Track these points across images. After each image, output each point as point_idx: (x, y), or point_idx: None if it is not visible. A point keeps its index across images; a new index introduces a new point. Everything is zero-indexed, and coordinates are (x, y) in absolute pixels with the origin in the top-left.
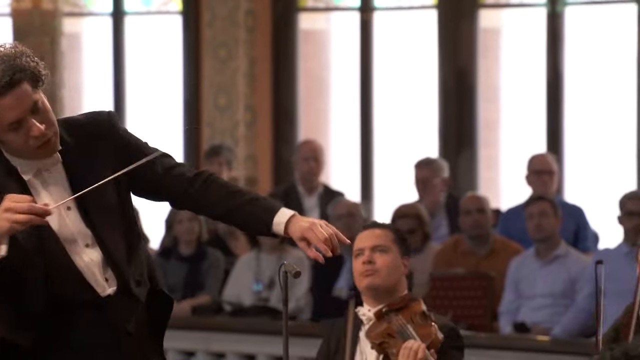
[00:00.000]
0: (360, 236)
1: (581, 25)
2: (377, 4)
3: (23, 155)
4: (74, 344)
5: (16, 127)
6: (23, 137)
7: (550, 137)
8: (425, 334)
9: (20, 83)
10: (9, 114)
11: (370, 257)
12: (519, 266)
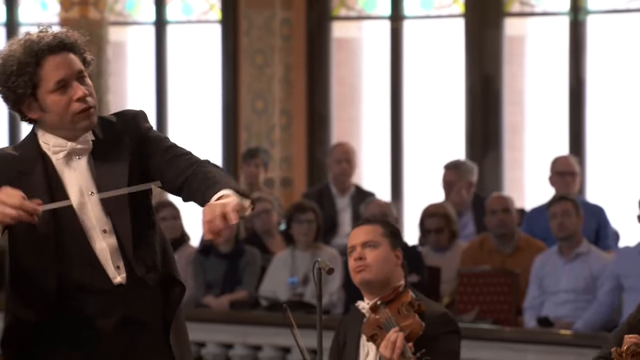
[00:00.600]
0: (352, 234)
1: (602, 33)
2: (406, 13)
3: (60, 130)
4: (82, 330)
5: (62, 87)
6: (66, 100)
7: (572, 140)
8: (407, 325)
9: (70, 50)
10: (58, 72)
11: (361, 254)
12: (543, 263)
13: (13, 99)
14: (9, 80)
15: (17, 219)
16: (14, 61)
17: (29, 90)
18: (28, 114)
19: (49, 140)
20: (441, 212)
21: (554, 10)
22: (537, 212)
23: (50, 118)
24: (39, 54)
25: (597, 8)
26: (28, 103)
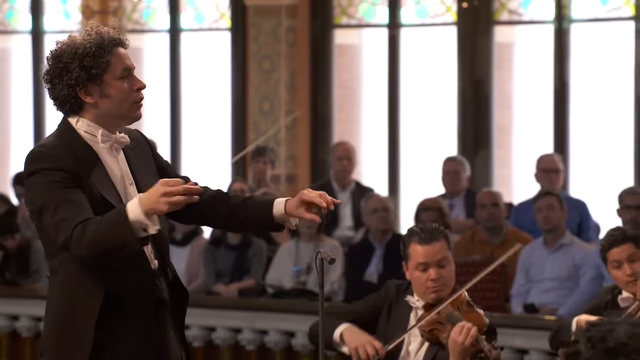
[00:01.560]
0: (422, 250)
1: (585, 40)
2: (403, 21)
3: (109, 119)
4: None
5: (127, 75)
6: (129, 87)
7: (556, 139)
8: (473, 317)
9: (126, 48)
10: (125, 62)
11: (437, 274)
12: (529, 254)
13: (79, 81)
14: (85, 60)
15: (183, 204)
16: (93, 44)
17: (101, 72)
18: (84, 98)
19: (95, 131)
20: (435, 207)
21: (540, 18)
22: (523, 206)
23: (107, 104)
24: (111, 43)
25: (580, 17)
26: (89, 87)
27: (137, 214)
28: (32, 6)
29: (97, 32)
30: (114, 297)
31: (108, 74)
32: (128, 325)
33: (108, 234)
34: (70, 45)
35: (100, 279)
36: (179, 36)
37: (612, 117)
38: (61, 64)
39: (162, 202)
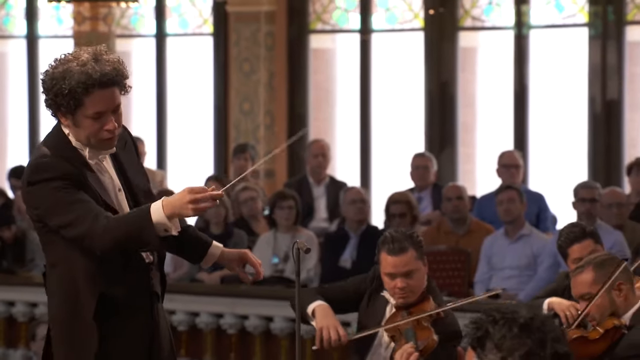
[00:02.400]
0: (391, 261)
1: (543, 45)
2: (374, 27)
3: (88, 145)
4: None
5: (98, 117)
6: (98, 127)
7: (516, 137)
8: (424, 336)
9: (117, 85)
10: (99, 105)
11: (404, 283)
12: (491, 243)
13: (54, 108)
14: (58, 97)
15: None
16: (67, 85)
17: (70, 109)
18: (61, 120)
19: (82, 148)
20: (404, 199)
21: (501, 25)
22: (486, 199)
23: (79, 133)
24: (90, 86)
25: (538, 23)
26: (65, 115)
27: (160, 217)
28: (27, 12)
29: (84, 69)
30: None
31: (79, 110)
32: (126, 320)
33: (132, 232)
34: (54, 77)
35: (96, 277)
36: (164, 41)
37: (568, 116)
38: (45, 84)
39: (189, 208)
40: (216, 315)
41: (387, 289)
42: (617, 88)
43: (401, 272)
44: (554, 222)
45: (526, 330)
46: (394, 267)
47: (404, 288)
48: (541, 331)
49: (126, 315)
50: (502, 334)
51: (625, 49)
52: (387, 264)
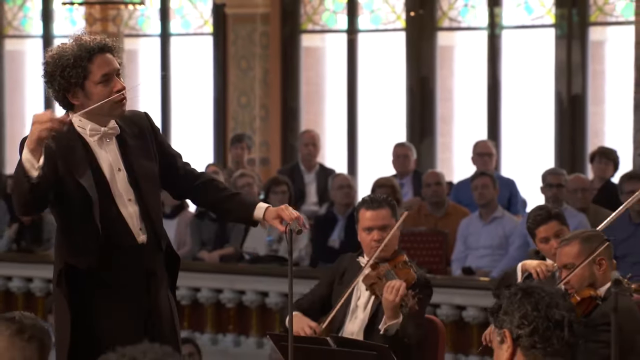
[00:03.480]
0: (369, 215)
1: (513, 44)
2: (360, 27)
3: (96, 116)
4: (119, 278)
5: (106, 79)
6: (108, 91)
7: (490, 128)
8: (404, 274)
9: (111, 52)
10: (104, 67)
11: (380, 236)
12: (467, 225)
13: (64, 87)
14: (65, 71)
15: (54, 130)
16: (70, 56)
17: (80, 80)
18: (72, 101)
19: (85, 125)
20: (388, 184)
21: (476, 25)
22: (462, 184)
23: (91, 105)
24: (91, 51)
25: (509, 24)
26: (75, 91)
27: (25, 154)
28: (43, 14)
29: (79, 42)
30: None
31: (88, 80)
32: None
33: (15, 182)
34: (54, 56)
35: (62, 247)
36: (168, 40)
37: (537, 109)
38: (48, 72)
39: (37, 131)
40: (216, 291)
41: (364, 249)
42: (581, 84)
43: (378, 225)
44: (524, 205)
45: (527, 296)
46: (372, 220)
47: (380, 240)
48: (538, 297)
49: (115, 293)
50: (510, 300)
51: (589, 48)
52: (365, 218)
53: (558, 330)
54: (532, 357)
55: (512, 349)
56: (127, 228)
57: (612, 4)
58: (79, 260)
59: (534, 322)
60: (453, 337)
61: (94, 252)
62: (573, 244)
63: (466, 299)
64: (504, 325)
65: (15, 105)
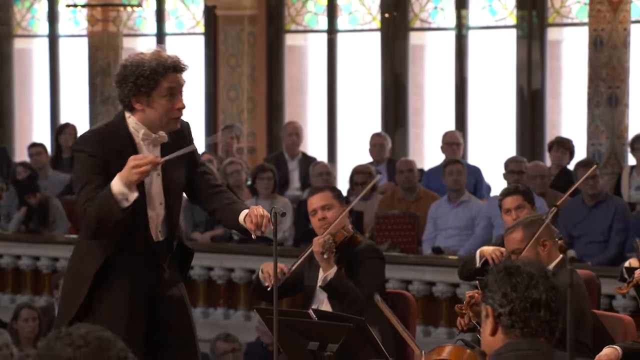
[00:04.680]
0: (311, 200)
1: (479, 43)
2: (339, 27)
3: (151, 124)
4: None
5: (171, 94)
6: (170, 104)
7: (457, 120)
8: (339, 236)
9: (181, 72)
10: (172, 84)
11: (322, 215)
12: (436, 208)
13: (133, 91)
14: (139, 79)
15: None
16: (147, 67)
17: (148, 90)
18: (135, 105)
19: (139, 129)
20: (366, 170)
21: (445, 26)
22: (432, 171)
23: (150, 113)
24: (166, 69)
25: (475, 25)
26: (140, 98)
27: (118, 187)
28: (49, 15)
29: (158, 58)
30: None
31: (155, 91)
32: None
33: (99, 207)
34: (133, 63)
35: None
36: (164, 39)
37: (500, 102)
38: (123, 75)
39: (133, 172)
40: (207, 269)
41: (316, 231)
42: (540, 79)
43: (319, 206)
44: (489, 190)
45: (508, 275)
46: (313, 204)
47: (323, 219)
48: (518, 278)
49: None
50: (494, 278)
51: (547, 47)
52: (309, 204)
53: (536, 311)
54: (512, 335)
55: (493, 325)
56: (148, 229)
57: (568, 6)
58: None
59: (512, 302)
60: (423, 310)
61: (143, 246)
62: (517, 231)
63: (435, 275)
64: (488, 302)
65: (24, 99)
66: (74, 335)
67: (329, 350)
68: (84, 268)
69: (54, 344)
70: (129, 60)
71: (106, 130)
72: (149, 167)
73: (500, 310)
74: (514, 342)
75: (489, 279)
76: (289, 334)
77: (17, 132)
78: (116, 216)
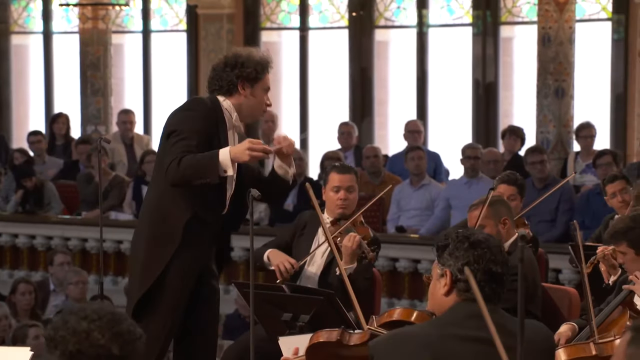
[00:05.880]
0: (338, 177)
1: (438, 40)
2: (310, 25)
3: (241, 111)
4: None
5: (267, 92)
6: (264, 100)
7: (419, 110)
8: (362, 231)
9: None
10: (268, 83)
11: (345, 195)
12: (399, 191)
13: (241, 76)
14: (249, 68)
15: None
16: (259, 59)
17: (253, 80)
18: (240, 89)
19: (232, 112)
20: (335, 156)
21: (407, 24)
22: (396, 157)
23: (249, 101)
24: (269, 66)
25: (435, 23)
26: (245, 85)
27: (225, 158)
28: (44, 13)
29: (266, 55)
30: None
31: (259, 84)
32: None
33: (200, 165)
34: (246, 54)
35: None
36: (149, 36)
37: (457, 94)
38: (239, 61)
39: (246, 153)
40: None
41: (328, 207)
42: (493, 73)
43: (345, 186)
44: (447, 174)
45: (473, 247)
46: (340, 182)
47: (346, 199)
48: (481, 252)
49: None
50: (455, 246)
51: (500, 43)
52: (334, 179)
53: (492, 283)
54: (465, 298)
55: (449, 287)
56: (224, 201)
57: (519, 6)
58: (208, 214)
59: (473, 272)
60: (388, 284)
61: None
62: (479, 208)
63: (398, 252)
64: (446, 265)
65: (21, 90)
66: (87, 310)
67: (301, 320)
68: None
69: (69, 318)
70: (239, 51)
71: (211, 105)
72: (260, 154)
73: (459, 276)
74: (466, 303)
75: (451, 245)
76: (264, 306)
77: (14, 121)
78: (212, 179)
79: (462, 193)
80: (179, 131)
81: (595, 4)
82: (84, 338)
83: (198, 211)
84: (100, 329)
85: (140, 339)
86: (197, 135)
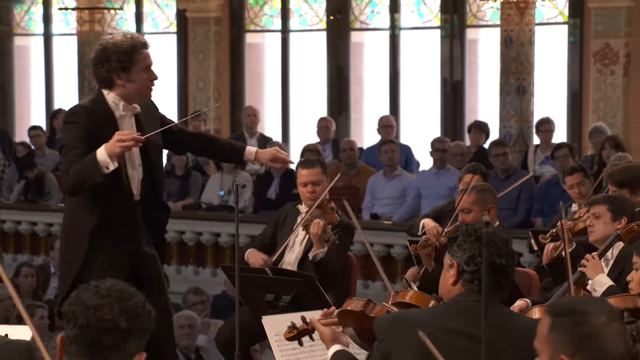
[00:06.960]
0: (304, 172)
1: (409, 42)
2: (291, 27)
3: (129, 96)
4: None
5: (148, 69)
6: (147, 79)
7: (391, 105)
8: (329, 217)
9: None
10: (147, 60)
11: (312, 189)
12: (374, 181)
13: (115, 69)
14: (121, 55)
15: (130, 149)
16: (127, 45)
17: (128, 67)
18: (116, 81)
19: (118, 102)
20: (314, 148)
21: (380, 26)
22: (370, 150)
23: (130, 87)
24: (141, 46)
25: (406, 26)
26: (120, 75)
27: (102, 155)
28: (44, 16)
29: (132, 37)
30: (105, 216)
31: (135, 67)
32: (114, 235)
33: (83, 170)
34: (113, 45)
35: (95, 204)
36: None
37: (427, 91)
38: (105, 54)
39: (117, 146)
40: (179, 232)
41: (302, 199)
42: (460, 72)
43: (310, 180)
44: (417, 166)
45: (478, 241)
46: (306, 177)
47: (314, 192)
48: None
49: (113, 235)
50: (464, 238)
51: (466, 45)
52: (301, 175)
53: (496, 275)
54: (470, 288)
55: (455, 278)
56: (129, 186)
57: (484, 11)
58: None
59: (478, 264)
60: (363, 267)
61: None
62: (471, 194)
63: (373, 238)
64: (455, 256)
65: (23, 88)
66: (100, 287)
67: (283, 301)
68: (78, 229)
69: (83, 294)
70: (105, 42)
71: (92, 106)
72: (131, 143)
73: (465, 268)
74: (469, 293)
75: (460, 237)
76: (249, 288)
77: (17, 117)
78: (97, 179)
79: (431, 183)
80: (66, 144)
81: (553, 9)
82: (92, 313)
83: (104, 212)
84: (110, 304)
85: (148, 314)
86: (81, 142)
